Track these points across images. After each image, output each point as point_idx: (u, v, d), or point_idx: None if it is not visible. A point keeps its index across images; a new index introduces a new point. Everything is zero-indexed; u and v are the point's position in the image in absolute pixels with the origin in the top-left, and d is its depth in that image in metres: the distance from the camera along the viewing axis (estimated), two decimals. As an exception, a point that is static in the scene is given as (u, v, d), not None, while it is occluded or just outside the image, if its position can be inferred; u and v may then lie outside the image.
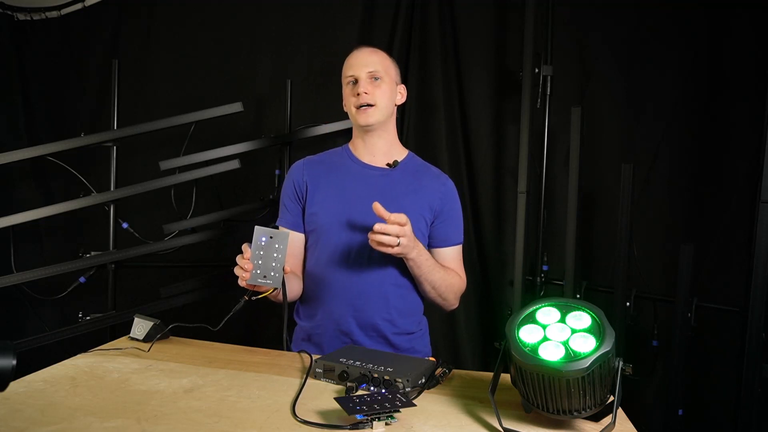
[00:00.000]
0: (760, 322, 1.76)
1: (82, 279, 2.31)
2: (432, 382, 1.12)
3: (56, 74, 2.70)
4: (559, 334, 0.92)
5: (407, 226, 1.29)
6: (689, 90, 2.21)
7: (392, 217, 1.27)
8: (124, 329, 1.43)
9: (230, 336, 1.39)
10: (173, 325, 1.37)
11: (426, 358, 1.48)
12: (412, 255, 1.36)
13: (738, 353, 1.81)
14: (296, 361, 1.27)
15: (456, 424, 0.96)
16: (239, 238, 1.27)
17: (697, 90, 2.19)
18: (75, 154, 2.28)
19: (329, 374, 1.13)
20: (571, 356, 0.88)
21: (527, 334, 0.94)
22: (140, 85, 2.64)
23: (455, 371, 1.21)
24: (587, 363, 0.85)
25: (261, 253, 1.21)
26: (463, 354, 2.50)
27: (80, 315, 2.28)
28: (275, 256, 1.22)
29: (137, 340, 1.35)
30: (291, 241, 1.51)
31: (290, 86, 2.42)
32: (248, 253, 1.20)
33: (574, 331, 0.92)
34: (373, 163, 1.54)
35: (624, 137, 2.33)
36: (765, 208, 1.74)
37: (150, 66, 2.68)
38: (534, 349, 0.91)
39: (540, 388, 0.90)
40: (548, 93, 2.31)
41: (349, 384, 1.07)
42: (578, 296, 2.25)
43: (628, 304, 2.09)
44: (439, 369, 1.16)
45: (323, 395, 1.06)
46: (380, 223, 1.27)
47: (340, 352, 1.20)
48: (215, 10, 2.64)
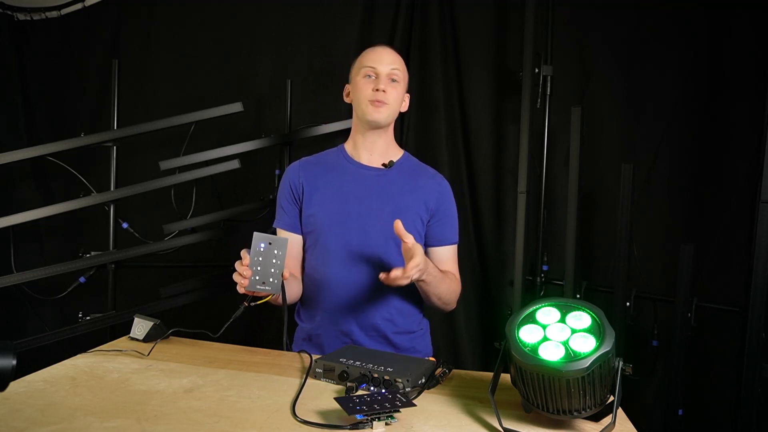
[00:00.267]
0: (760, 322, 1.76)
1: (82, 279, 2.31)
2: (432, 382, 1.12)
3: (56, 74, 2.70)
4: (559, 334, 0.92)
5: (420, 254, 1.27)
6: (689, 90, 2.21)
7: (410, 244, 1.25)
8: (124, 329, 1.43)
9: (230, 337, 1.39)
10: (173, 330, 1.38)
11: (426, 358, 1.48)
12: (423, 277, 1.34)
13: (738, 353, 1.81)
14: (296, 361, 1.27)
15: (456, 424, 0.96)
16: (239, 238, 1.27)
17: (697, 90, 2.19)
18: (75, 154, 2.28)
19: (329, 374, 1.13)
20: (571, 356, 0.88)
21: (527, 334, 0.94)
22: (140, 85, 2.64)
23: (455, 371, 1.21)
24: (587, 363, 0.85)
25: (260, 259, 1.20)
26: (463, 354, 2.49)
27: (80, 315, 2.28)
28: (274, 262, 1.22)
29: (137, 340, 1.35)
30: (289, 244, 1.51)
31: (290, 86, 2.42)
32: (247, 260, 1.20)
33: (574, 331, 0.92)
34: (370, 164, 1.54)
35: (624, 137, 2.33)
36: (765, 208, 1.74)
37: (150, 66, 2.68)
38: (534, 349, 0.91)
39: (540, 388, 0.90)
40: (548, 93, 2.31)
41: (349, 384, 1.07)
42: (578, 296, 2.24)
43: (628, 304, 2.09)
44: (439, 369, 1.16)
45: (323, 395, 1.06)
46: (400, 269, 1.25)
47: (340, 352, 1.20)
48: (215, 10, 2.64)
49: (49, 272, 2.17)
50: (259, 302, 1.26)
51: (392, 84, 1.49)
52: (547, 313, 0.96)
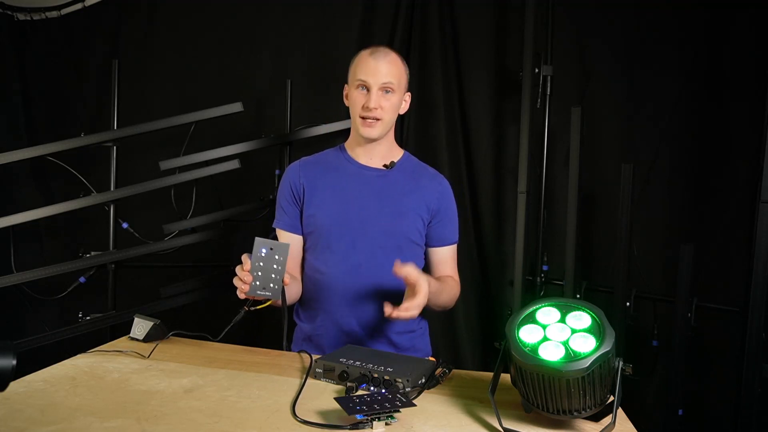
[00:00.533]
0: (760, 322, 1.76)
1: (82, 279, 2.31)
2: (432, 382, 1.12)
3: (56, 74, 2.70)
4: (559, 334, 0.92)
5: (423, 293, 1.26)
6: (689, 90, 2.21)
7: (413, 278, 1.25)
8: (124, 329, 1.43)
9: (230, 337, 1.39)
10: (173, 333, 1.38)
11: (426, 358, 1.48)
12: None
13: (738, 353, 1.82)
14: (296, 361, 1.27)
15: (456, 424, 0.96)
16: (239, 238, 1.27)
17: (697, 90, 2.19)
18: (75, 154, 2.28)
19: (329, 374, 1.13)
20: (571, 356, 0.88)
21: (527, 334, 0.94)
22: (140, 85, 2.64)
23: (455, 371, 1.21)
24: (587, 363, 0.85)
25: (261, 265, 1.20)
26: (463, 354, 2.50)
27: (80, 315, 2.28)
28: (275, 268, 1.21)
29: (137, 341, 1.35)
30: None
31: (290, 86, 2.42)
32: (248, 265, 1.19)
33: (574, 331, 0.92)
34: (371, 164, 1.54)
35: (624, 137, 2.33)
36: (765, 208, 1.74)
37: (150, 66, 2.68)
38: (534, 349, 0.91)
39: (540, 388, 0.90)
40: (548, 93, 2.31)
41: (349, 384, 1.07)
42: (578, 296, 2.24)
43: (628, 304, 2.09)
44: (439, 369, 1.16)
45: (323, 395, 1.06)
46: (407, 305, 1.25)
47: (340, 352, 1.20)
48: (215, 10, 2.64)
49: (49, 272, 2.17)
50: (260, 307, 1.25)
51: (386, 96, 1.45)
52: (547, 313, 0.96)
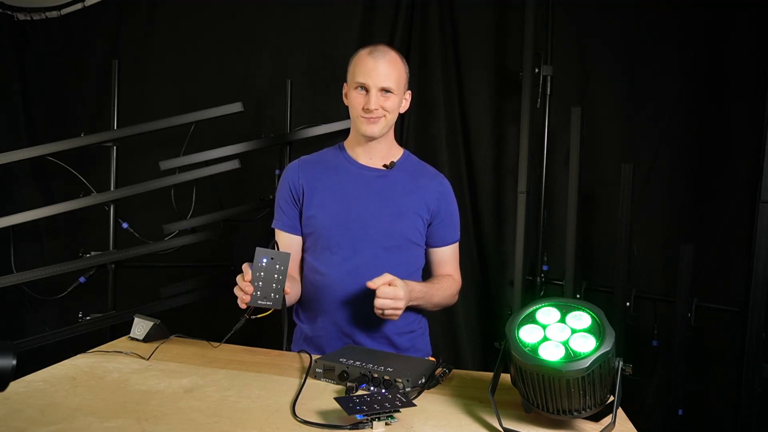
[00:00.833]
0: (760, 322, 1.76)
1: (82, 279, 2.31)
2: (432, 382, 1.12)
3: (56, 74, 2.70)
4: (559, 334, 0.92)
5: (395, 285, 1.30)
6: (689, 90, 2.20)
7: (377, 284, 1.28)
8: (124, 329, 1.43)
9: (230, 338, 1.39)
10: (173, 336, 1.38)
11: (426, 358, 1.48)
12: (412, 305, 1.40)
13: (738, 353, 1.81)
14: (296, 361, 1.27)
15: (456, 424, 0.96)
16: (239, 238, 1.27)
17: (697, 90, 2.19)
18: (75, 154, 2.28)
19: (329, 374, 1.13)
20: (571, 356, 0.88)
21: (527, 334, 0.94)
22: (140, 85, 2.64)
23: (455, 371, 1.21)
24: (587, 363, 0.85)
25: (262, 275, 1.19)
26: (463, 354, 2.49)
27: (80, 315, 2.28)
28: (276, 278, 1.21)
29: (137, 341, 1.35)
30: (288, 245, 1.50)
31: (290, 86, 2.42)
32: (249, 275, 1.19)
33: (574, 331, 0.92)
34: (371, 164, 1.54)
35: (624, 137, 2.33)
36: (765, 208, 1.74)
37: (150, 66, 2.68)
38: (534, 349, 0.91)
39: (540, 388, 0.90)
40: (548, 93, 2.31)
41: (349, 384, 1.07)
42: (578, 296, 2.24)
43: (628, 304, 2.09)
44: (439, 369, 1.16)
45: (323, 395, 1.06)
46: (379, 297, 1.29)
47: (340, 352, 1.20)
48: (215, 10, 2.64)
49: (49, 272, 2.17)
50: (261, 315, 1.25)
51: (385, 96, 1.44)
52: (547, 313, 0.96)
